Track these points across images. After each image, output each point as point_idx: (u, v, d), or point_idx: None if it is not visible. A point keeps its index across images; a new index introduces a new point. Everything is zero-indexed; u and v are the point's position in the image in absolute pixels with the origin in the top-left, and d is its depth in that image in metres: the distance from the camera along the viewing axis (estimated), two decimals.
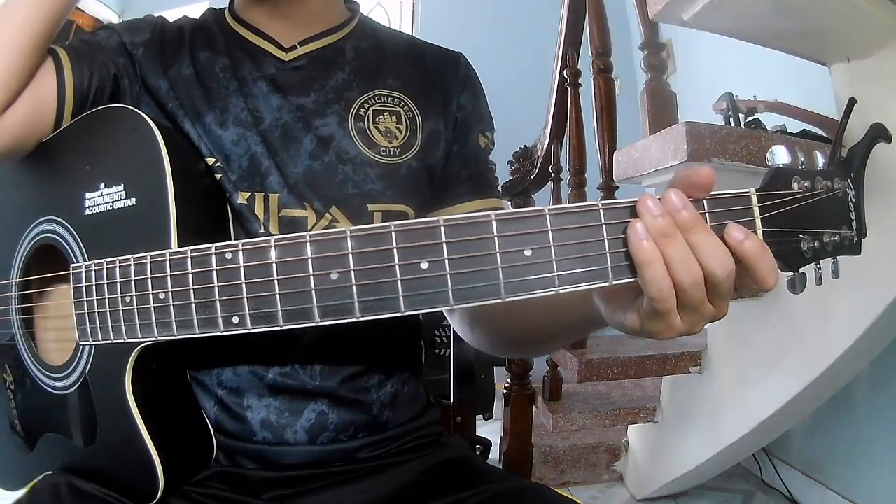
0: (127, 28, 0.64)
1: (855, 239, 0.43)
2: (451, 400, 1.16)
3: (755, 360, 1.45)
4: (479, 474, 0.63)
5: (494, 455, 1.71)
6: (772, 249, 0.39)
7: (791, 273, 0.42)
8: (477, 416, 1.44)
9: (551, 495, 0.60)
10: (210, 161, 0.59)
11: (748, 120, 1.42)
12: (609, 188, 1.64)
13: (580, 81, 1.87)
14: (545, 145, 2.03)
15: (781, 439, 1.72)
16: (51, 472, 0.60)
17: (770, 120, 1.42)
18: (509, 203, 2.01)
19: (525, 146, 2.13)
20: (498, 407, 1.53)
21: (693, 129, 1.12)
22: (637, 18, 1.76)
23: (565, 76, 1.90)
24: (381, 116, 0.64)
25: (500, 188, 0.76)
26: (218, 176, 0.59)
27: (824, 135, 1.31)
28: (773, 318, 1.40)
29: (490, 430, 1.76)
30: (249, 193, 0.59)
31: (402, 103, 0.66)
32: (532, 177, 2.03)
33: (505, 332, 0.65)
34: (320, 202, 0.60)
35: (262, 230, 0.59)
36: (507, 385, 1.81)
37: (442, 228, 0.39)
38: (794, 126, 1.37)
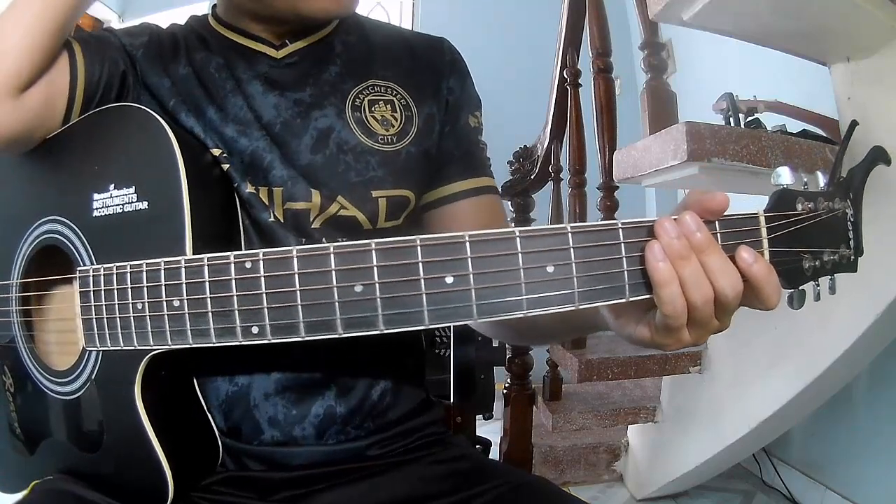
0: (125, 33, 0.65)
1: (852, 257, 0.45)
2: (451, 400, 1.16)
3: (755, 360, 1.45)
4: (487, 471, 0.64)
5: (494, 455, 1.70)
6: (776, 268, 0.41)
7: (791, 289, 0.44)
8: (477, 416, 1.44)
9: (557, 491, 0.61)
10: (216, 152, 0.60)
11: (748, 120, 1.42)
12: (609, 188, 1.65)
13: (580, 81, 1.87)
14: (545, 145, 2.03)
15: (781, 439, 1.72)
16: (51, 477, 0.59)
17: (770, 120, 1.41)
18: (509, 202, 2.00)
19: (525, 146, 2.12)
20: (498, 407, 1.53)
21: (693, 129, 1.12)
22: (637, 18, 1.75)
23: (565, 76, 1.89)
24: (377, 106, 0.65)
25: (500, 187, 0.76)
26: (225, 166, 0.60)
27: (824, 135, 1.31)
28: (773, 319, 1.40)
29: (490, 430, 1.75)
30: (254, 188, 0.60)
31: (395, 92, 0.67)
32: (532, 177, 2.02)
33: (509, 326, 0.66)
34: (325, 192, 0.61)
35: (271, 218, 0.60)
36: (507, 385, 1.81)
37: (467, 244, 0.39)
38: (794, 126, 1.37)
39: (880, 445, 1.52)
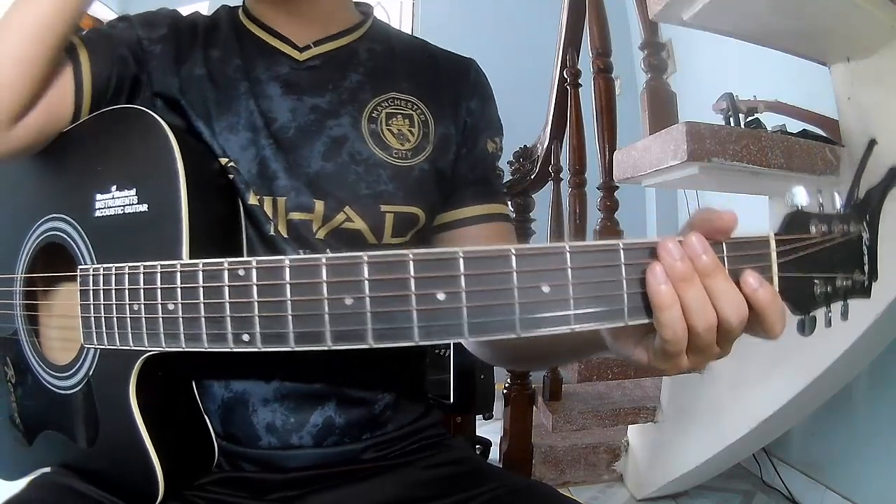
0: (143, 22, 0.63)
1: (866, 283, 0.43)
2: (451, 400, 1.16)
3: (755, 360, 1.45)
4: (484, 474, 0.63)
5: (494, 455, 1.71)
6: (785, 293, 0.40)
7: (801, 315, 0.42)
8: (477, 416, 1.44)
9: (555, 494, 0.61)
10: (223, 161, 0.59)
11: (748, 120, 1.42)
12: (609, 188, 1.65)
13: (580, 81, 1.87)
14: (545, 145, 2.03)
15: (781, 439, 1.72)
16: (48, 471, 0.60)
17: (770, 120, 1.41)
18: (509, 202, 2.01)
19: (525, 146, 2.12)
20: (498, 407, 1.53)
21: (693, 129, 1.12)
22: (637, 18, 1.75)
23: (565, 76, 1.90)
24: (394, 119, 0.64)
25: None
26: (231, 176, 0.59)
27: (824, 135, 1.32)
28: None
29: (490, 430, 1.76)
30: (259, 196, 0.59)
31: (416, 107, 0.66)
32: (532, 177, 2.02)
33: (506, 348, 0.65)
34: (333, 202, 0.60)
35: (272, 232, 0.59)
36: (507, 385, 1.81)
37: (461, 260, 0.38)
38: (794, 126, 1.37)
39: (880, 445, 1.52)
